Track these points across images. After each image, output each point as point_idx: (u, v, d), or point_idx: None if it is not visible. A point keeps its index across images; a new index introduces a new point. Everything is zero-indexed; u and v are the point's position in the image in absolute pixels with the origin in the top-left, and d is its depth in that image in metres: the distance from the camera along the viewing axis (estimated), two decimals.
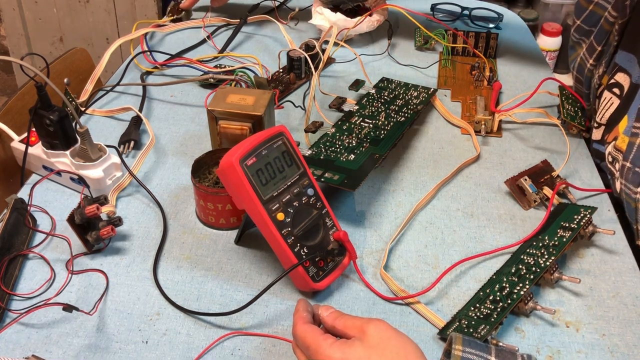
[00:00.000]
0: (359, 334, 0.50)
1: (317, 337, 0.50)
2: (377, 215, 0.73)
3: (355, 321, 0.52)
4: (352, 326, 0.51)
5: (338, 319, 0.53)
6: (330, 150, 0.76)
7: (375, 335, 0.49)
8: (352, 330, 0.51)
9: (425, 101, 0.88)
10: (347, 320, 0.52)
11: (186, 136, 0.85)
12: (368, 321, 0.51)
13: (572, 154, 0.83)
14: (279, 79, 0.97)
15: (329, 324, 0.53)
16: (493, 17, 1.17)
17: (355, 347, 0.49)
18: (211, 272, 0.65)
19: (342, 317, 0.53)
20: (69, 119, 0.73)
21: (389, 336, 0.49)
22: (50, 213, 0.71)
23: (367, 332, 0.50)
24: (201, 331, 0.59)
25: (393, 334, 0.50)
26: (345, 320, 0.52)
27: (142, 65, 1.00)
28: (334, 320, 0.53)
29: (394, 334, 0.50)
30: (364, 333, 0.50)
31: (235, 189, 0.59)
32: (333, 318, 0.53)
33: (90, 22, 1.87)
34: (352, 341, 0.49)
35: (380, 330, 0.50)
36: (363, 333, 0.50)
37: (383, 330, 0.50)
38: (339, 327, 0.52)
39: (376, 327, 0.50)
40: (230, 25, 1.14)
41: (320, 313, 0.55)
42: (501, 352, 0.49)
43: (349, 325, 0.52)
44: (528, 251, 0.66)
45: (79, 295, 0.62)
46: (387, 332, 0.50)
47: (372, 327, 0.50)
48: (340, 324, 0.52)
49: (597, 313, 0.62)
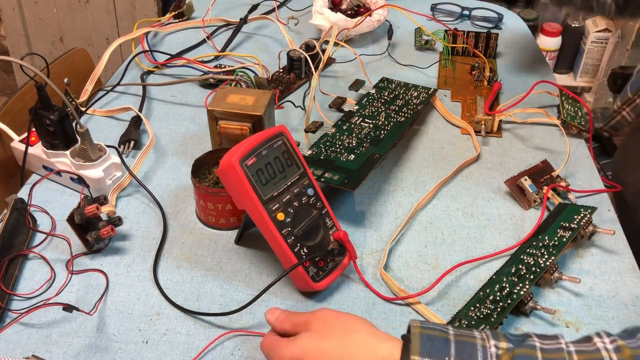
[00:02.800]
0: (305, 327, 0.51)
1: (274, 342, 0.52)
2: (377, 215, 0.73)
3: (301, 317, 0.53)
4: (299, 323, 0.52)
5: (286, 321, 0.53)
6: (330, 150, 0.76)
7: (319, 322, 0.51)
8: (300, 326, 0.52)
9: (425, 101, 0.88)
10: (294, 318, 0.53)
11: (186, 136, 0.85)
12: (312, 313, 0.53)
13: (572, 154, 0.83)
14: (279, 79, 0.97)
15: (279, 327, 0.54)
16: (493, 17, 1.17)
17: (303, 339, 0.50)
18: (211, 272, 0.65)
19: (289, 317, 0.54)
20: (69, 119, 0.73)
21: (332, 318, 0.51)
22: (50, 213, 0.71)
23: (311, 323, 0.51)
24: (201, 331, 0.59)
25: (337, 316, 0.52)
26: (292, 319, 0.53)
27: (142, 64, 1.00)
28: (282, 323, 0.54)
29: (338, 316, 0.52)
30: (309, 324, 0.51)
31: (235, 189, 0.59)
32: (281, 321, 0.54)
33: (90, 22, 1.87)
34: (300, 335, 0.51)
35: (324, 316, 0.52)
36: (308, 324, 0.51)
37: (326, 316, 0.52)
38: (289, 328, 0.53)
39: (319, 316, 0.52)
40: (230, 25, 1.14)
41: (268, 318, 0.55)
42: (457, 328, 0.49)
43: (296, 323, 0.52)
44: (528, 251, 0.66)
45: (79, 295, 0.62)
46: (330, 316, 0.52)
47: (315, 317, 0.52)
48: (288, 324, 0.53)
49: (597, 313, 0.62)
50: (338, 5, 1.13)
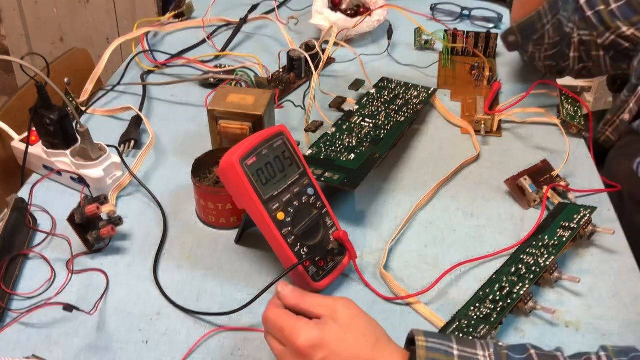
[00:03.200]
0: (329, 312, 0.50)
1: (290, 319, 0.51)
2: (377, 215, 0.73)
3: (323, 300, 0.52)
4: (320, 305, 0.51)
5: (302, 297, 0.52)
6: (331, 149, 0.76)
7: (346, 313, 0.50)
8: (320, 308, 0.51)
9: (425, 101, 0.88)
10: (314, 299, 0.52)
11: (186, 136, 0.85)
12: (336, 300, 0.52)
13: (572, 153, 0.83)
14: (279, 78, 0.97)
15: (292, 301, 0.52)
16: (493, 17, 1.17)
17: (330, 326, 0.49)
18: (211, 271, 0.65)
19: (306, 296, 0.52)
20: (69, 119, 0.73)
21: (357, 314, 0.51)
22: (50, 213, 0.71)
23: (337, 311, 0.50)
24: (201, 331, 0.59)
25: (361, 313, 0.52)
26: (311, 299, 0.52)
27: (143, 64, 1.00)
28: (298, 298, 0.52)
29: (362, 313, 0.52)
30: (335, 312, 0.50)
31: (235, 188, 0.59)
32: (297, 296, 0.52)
33: (90, 22, 1.87)
34: (326, 320, 0.50)
35: (350, 309, 0.51)
36: (334, 312, 0.50)
37: (352, 309, 0.51)
38: (305, 306, 0.52)
39: (345, 306, 0.51)
40: (230, 25, 1.14)
41: (279, 290, 0.53)
42: (461, 341, 0.50)
43: (316, 304, 0.51)
44: (528, 251, 0.66)
45: (79, 295, 0.62)
46: (355, 311, 0.51)
47: (341, 305, 0.51)
48: (306, 302, 0.52)
49: (597, 313, 0.62)
50: (338, 5, 1.13)
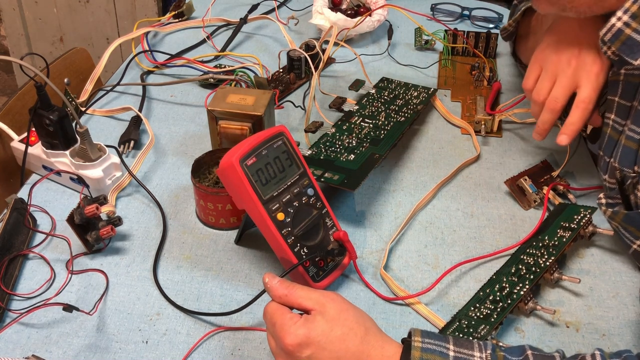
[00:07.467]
0: (318, 307, 0.51)
1: (282, 316, 0.51)
2: (377, 215, 0.73)
3: (312, 293, 0.52)
4: (308, 298, 0.52)
5: (290, 289, 0.52)
6: (330, 150, 0.76)
7: (335, 308, 0.51)
8: (309, 302, 0.51)
9: (425, 101, 0.88)
10: (302, 291, 0.52)
11: (186, 136, 0.85)
12: (325, 294, 0.52)
13: (572, 154, 0.83)
14: (279, 79, 0.97)
15: (279, 292, 0.52)
16: (493, 17, 1.17)
17: (317, 322, 0.50)
18: (211, 272, 0.65)
19: (295, 287, 0.52)
20: (68, 119, 0.73)
21: (346, 308, 0.51)
22: (50, 213, 0.71)
23: (326, 305, 0.51)
24: (201, 331, 0.59)
25: (350, 306, 0.52)
26: (300, 291, 0.52)
27: (142, 64, 1.00)
28: (286, 289, 0.52)
29: (351, 306, 0.52)
30: (324, 306, 0.51)
31: (235, 188, 0.59)
32: (285, 287, 0.52)
33: (90, 22, 1.87)
34: (314, 316, 0.50)
35: (338, 303, 0.51)
36: (322, 306, 0.51)
37: (341, 303, 0.52)
38: (293, 299, 0.52)
39: (334, 300, 0.52)
40: (230, 25, 1.14)
41: (266, 282, 0.53)
42: (458, 341, 0.50)
43: (305, 297, 0.52)
44: (528, 251, 0.66)
45: (79, 295, 0.62)
46: (344, 305, 0.52)
47: (329, 300, 0.51)
48: (294, 294, 0.52)
49: (597, 313, 0.62)
50: (338, 5, 1.13)
